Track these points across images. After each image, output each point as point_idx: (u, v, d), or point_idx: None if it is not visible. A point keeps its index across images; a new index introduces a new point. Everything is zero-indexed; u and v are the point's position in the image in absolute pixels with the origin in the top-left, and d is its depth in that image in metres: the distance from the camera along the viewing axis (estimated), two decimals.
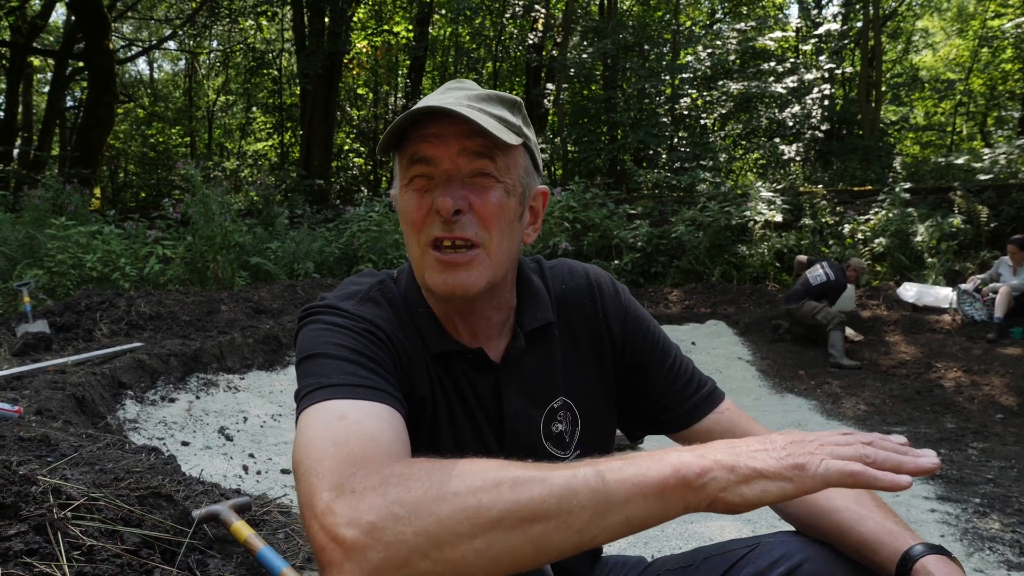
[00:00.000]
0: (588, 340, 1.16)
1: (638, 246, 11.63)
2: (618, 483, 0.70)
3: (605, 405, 1.17)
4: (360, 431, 0.80)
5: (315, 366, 0.91)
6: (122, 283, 7.94)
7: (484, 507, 0.68)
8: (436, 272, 0.98)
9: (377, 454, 0.76)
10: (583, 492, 0.70)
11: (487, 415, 1.08)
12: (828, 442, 0.75)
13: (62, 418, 3.23)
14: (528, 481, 0.70)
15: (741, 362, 7.50)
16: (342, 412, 0.83)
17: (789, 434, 0.77)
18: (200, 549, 1.81)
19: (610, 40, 16.51)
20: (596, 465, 0.72)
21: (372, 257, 10.36)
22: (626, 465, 0.72)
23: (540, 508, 0.69)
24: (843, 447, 0.74)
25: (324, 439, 0.78)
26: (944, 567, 0.87)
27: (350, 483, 0.71)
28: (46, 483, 1.64)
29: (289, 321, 6.47)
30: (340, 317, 0.98)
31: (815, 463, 0.72)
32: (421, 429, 1.03)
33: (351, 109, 23.39)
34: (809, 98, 15.82)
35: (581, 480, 0.70)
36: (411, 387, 1.00)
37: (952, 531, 3.32)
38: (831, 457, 0.72)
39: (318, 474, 0.73)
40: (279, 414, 4.62)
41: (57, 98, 19.72)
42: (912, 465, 0.72)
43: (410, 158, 0.97)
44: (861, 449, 0.73)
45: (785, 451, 0.73)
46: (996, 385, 6.22)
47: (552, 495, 0.69)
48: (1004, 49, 19.59)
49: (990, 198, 10.81)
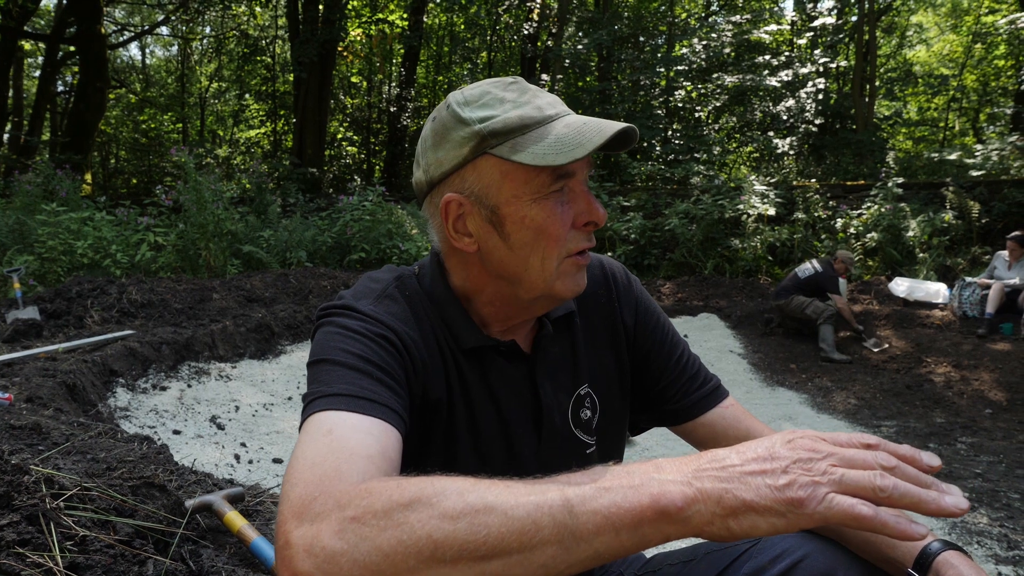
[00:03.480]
0: (604, 329, 1.17)
1: (631, 238, 11.64)
2: (587, 515, 0.64)
3: (621, 394, 1.18)
4: (341, 448, 0.77)
5: (321, 372, 0.91)
6: (113, 270, 7.90)
7: (439, 545, 0.63)
8: (572, 279, 1.01)
9: (350, 474, 0.73)
10: (547, 527, 0.64)
11: (524, 406, 1.08)
12: (843, 461, 0.65)
13: (53, 406, 3.22)
14: (488, 513, 0.64)
15: (733, 355, 7.52)
16: (330, 426, 0.81)
17: (797, 441, 0.67)
18: (193, 539, 1.80)
19: (605, 31, 16.48)
20: (565, 491, 0.66)
21: (365, 247, 10.34)
22: (599, 493, 0.65)
23: (499, 545, 0.64)
24: (858, 474, 0.63)
25: (304, 459, 0.77)
26: (966, 562, 0.88)
27: (310, 510, 0.68)
28: (38, 473, 1.63)
29: (282, 310, 6.45)
30: (354, 320, 0.97)
31: (816, 499, 0.62)
32: (436, 430, 1.03)
33: (345, 97, 23.29)
34: (803, 92, 15.84)
35: (546, 512, 0.64)
36: (424, 389, 1.00)
37: (940, 525, 3.34)
38: (838, 490, 0.62)
39: (288, 500, 0.72)
40: (271, 403, 4.61)
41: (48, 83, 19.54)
42: (934, 506, 0.62)
43: (557, 172, 0.96)
44: (879, 480, 0.62)
45: (786, 477, 0.63)
46: (985, 380, 6.27)
47: (512, 531, 0.64)
48: (997, 45, 19.64)
49: (982, 194, 10.86)
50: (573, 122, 0.95)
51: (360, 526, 0.65)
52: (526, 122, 0.94)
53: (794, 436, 0.68)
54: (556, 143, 0.93)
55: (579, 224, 0.99)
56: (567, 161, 0.91)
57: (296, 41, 17.20)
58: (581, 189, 0.99)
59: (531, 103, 0.97)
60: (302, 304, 7.05)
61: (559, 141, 0.93)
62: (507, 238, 0.98)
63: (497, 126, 0.94)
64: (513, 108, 0.96)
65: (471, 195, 0.98)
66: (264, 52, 22.63)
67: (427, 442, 1.01)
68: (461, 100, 0.99)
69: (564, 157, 0.91)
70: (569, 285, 1.01)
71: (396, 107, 20.70)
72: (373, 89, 23.51)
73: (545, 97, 0.99)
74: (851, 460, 0.64)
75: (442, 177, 1.00)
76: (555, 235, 0.97)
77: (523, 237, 0.97)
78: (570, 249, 0.99)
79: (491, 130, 0.94)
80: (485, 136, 0.95)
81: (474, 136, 0.95)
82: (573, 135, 0.93)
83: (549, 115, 0.96)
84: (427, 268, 1.10)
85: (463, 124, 0.97)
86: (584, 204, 0.98)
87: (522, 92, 0.99)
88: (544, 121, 0.95)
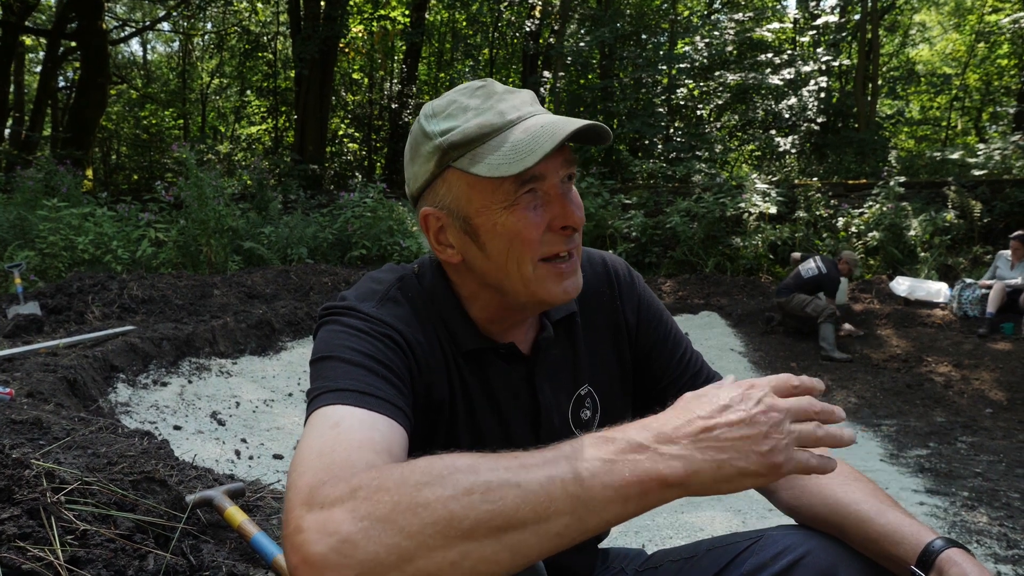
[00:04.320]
0: (607, 327, 1.16)
1: (632, 236, 11.64)
2: (599, 488, 0.68)
3: (622, 392, 1.18)
4: (348, 440, 0.78)
5: (326, 369, 0.91)
6: (114, 266, 7.90)
7: (456, 518, 0.65)
8: (555, 283, 0.98)
9: (358, 464, 0.74)
10: (560, 499, 0.67)
11: (522, 408, 1.08)
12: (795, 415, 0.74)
13: (54, 401, 3.22)
14: (502, 487, 0.67)
15: (733, 353, 7.52)
16: (337, 419, 0.81)
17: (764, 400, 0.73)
18: (193, 534, 1.80)
19: (607, 29, 16.45)
20: (575, 465, 0.69)
21: (366, 243, 10.34)
22: (607, 467, 0.69)
23: (515, 516, 0.66)
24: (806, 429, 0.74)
25: (311, 450, 0.77)
26: (969, 560, 0.87)
27: (320, 496, 0.68)
28: (39, 467, 1.63)
29: (282, 307, 6.45)
30: (358, 319, 0.96)
31: (789, 460, 0.72)
32: (438, 431, 1.03)
33: (346, 94, 23.26)
34: (805, 90, 15.82)
35: (559, 485, 0.68)
36: (428, 389, 1.00)
37: (941, 524, 3.35)
38: (797, 444, 0.73)
39: (296, 488, 0.72)
40: (271, 399, 4.61)
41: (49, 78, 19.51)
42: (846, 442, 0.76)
43: (520, 179, 0.93)
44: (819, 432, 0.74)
45: (768, 443, 0.71)
46: (986, 380, 6.27)
47: (527, 502, 0.66)
48: (1000, 44, 19.60)
49: (984, 193, 10.85)
50: (531, 126, 0.93)
51: (375, 505, 0.66)
52: (484, 131, 0.93)
53: (754, 392, 0.75)
54: (511, 151, 0.91)
55: (555, 228, 0.96)
56: (520, 170, 0.90)
57: (298, 37, 17.19)
58: (556, 192, 0.96)
59: (494, 108, 0.95)
60: (303, 301, 7.05)
61: (513, 149, 0.91)
62: (483, 247, 0.97)
63: (456, 138, 0.93)
64: (475, 116, 0.94)
65: (445, 208, 0.98)
66: (266, 48, 22.60)
67: (430, 443, 1.01)
68: (429, 112, 0.98)
69: (517, 166, 0.90)
70: (553, 290, 0.98)
71: (397, 104, 20.67)
72: (375, 86, 23.46)
73: (512, 99, 0.97)
74: (798, 413, 0.74)
75: (419, 191, 1.01)
76: (528, 239, 0.95)
77: (498, 245, 0.96)
78: (544, 252, 0.96)
79: (450, 143, 0.93)
80: (446, 150, 0.94)
81: (436, 150, 0.95)
82: (528, 140, 0.91)
83: (511, 120, 0.94)
84: (427, 267, 1.09)
85: (427, 138, 0.96)
86: (559, 207, 0.96)
87: (487, 97, 0.97)
88: (504, 127, 0.94)
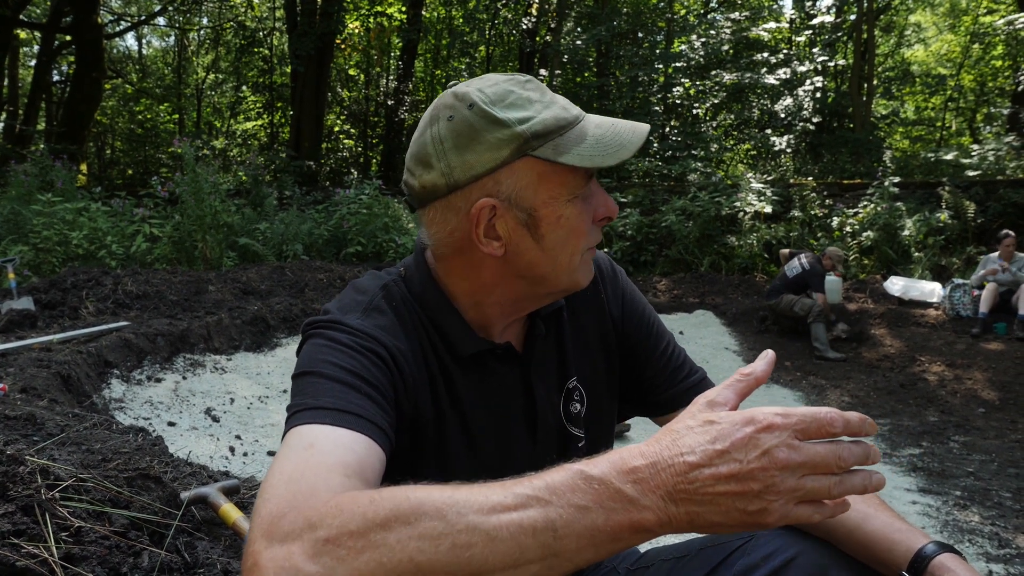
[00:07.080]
0: (592, 321, 1.17)
1: (627, 235, 11.65)
2: (571, 538, 0.65)
3: (608, 386, 1.19)
4: (319, 464, 0.75)
5: (307, 385, 0.89)
6: (108, 261, 7.88)
7: (419, 566, 0.62)
8: (587, 271, 1.04)
9: (325, 492, 0.70)
10: (531, 548, 0.64)
11: (518, 407, 1.08)
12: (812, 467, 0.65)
13: (47, 396, 3.21)
14: (471, 534, 0.63)
15: (728, 352, 7.54)
16: (312, 440, 0.79)
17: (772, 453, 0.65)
18: (188, 531, 1.80)
19: (604, 27, 16.45)
20: (547, 509, 0.65)
21: (361, 240, 10.33)
22: (580, 514, 0.65)
23: (483, 566, 0.63)
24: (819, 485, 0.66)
25: (281, 473, 0.74)
26: (961, 564, 0.87)
27: (280, 529, 0.65)
28: (33, 463, 1.63)
29: (277, 303, 6.44)
30: (342, 333, 0.94)
31: (783, 516, 0.65)
32: (428, 441, 1.01)
33: (342, 90, 23.21)
34: (801, 90, 15.85)
35: (530, 535, 0.64)
36: (415, 401, 0.98)
37: (933, 523, 3.36)
38: (802, 499, 0.66)
39: (259, 516, 0.69)
40: (266, 396, 4.60)
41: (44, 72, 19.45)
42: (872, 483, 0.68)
43: (590, 172, 0.97)
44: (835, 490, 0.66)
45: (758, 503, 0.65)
46: (979, 379, 6.29)
47: (496, 552, 0.63)
48: (995, 46, 19.66)
49: (978, 194, 10.89)
50: (603, 122, 0.97)
51: (335, 548, 0.63)
52: (560, 123, 0.93)
53: (765, 438, 0.65)
54: (598, 144, 0.93)
55: (597, 219, 1.01)
56: (616, 162, 0.93)
57: (294, 33, 17.13)
58: (597, 186, 1.00)
59: (556, 103, 0.96)
60: (298, 297, 7.04)
61: (600, 142, 0.93)
62: (541, 239, 0.96)
63: (538, 128, 0.92)
64: (544, 108, 0.94)
65: (505, 198, 0.94)
66: (262, 44, 22.53)
67: (421, 453, 1.00)
68: (486, 99, 0.93)
69: (612, 158, 0.93)
70: (587, 275, 1.04)
71: (394, 101, 20.64)
72: (371, 82, 23.43)
73: (559, 96, 0.99)
74: (818, 467, 0.66)
75: (470, 180, 0.94)
76: (583, 231, 0.99)
77: (558, 236, 0.97)
78: (590, 243, 1.01)
79: (533, 132, 0.92)
80: (528, 138, 0.92)
81: (516, 138, 0.92)
82: (612, 135, 0.94)
83: (576, 115, 0.96)
84: (414, 270, 1.06)
85: (500, 126, 0.92)
86: (601, 200, 1.00)
87: (542, 91, 0.97)
88: (574, 122, 0.95)
